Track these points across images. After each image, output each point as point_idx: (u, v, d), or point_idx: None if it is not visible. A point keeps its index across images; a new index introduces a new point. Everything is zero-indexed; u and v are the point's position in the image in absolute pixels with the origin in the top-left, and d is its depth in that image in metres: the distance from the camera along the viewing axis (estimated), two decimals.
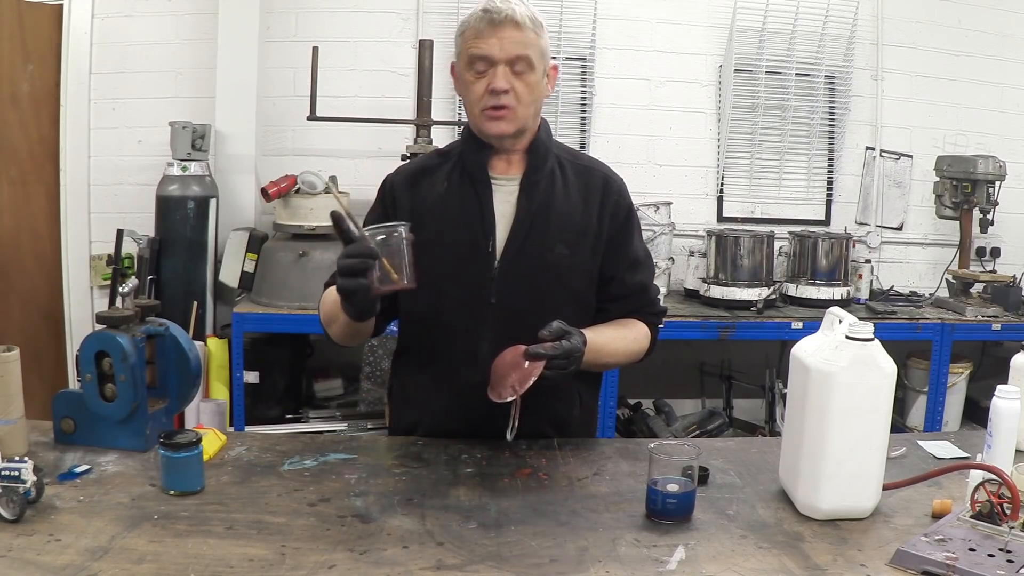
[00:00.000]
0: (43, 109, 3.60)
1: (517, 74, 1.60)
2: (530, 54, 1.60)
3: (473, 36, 1.61)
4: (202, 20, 3.60)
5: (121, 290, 3.34)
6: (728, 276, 3.52)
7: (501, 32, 1.58)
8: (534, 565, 1.22)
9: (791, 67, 3.92)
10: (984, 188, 3.62)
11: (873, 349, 1.36)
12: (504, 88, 1.59)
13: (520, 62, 1.60)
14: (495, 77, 1.59)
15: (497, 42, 1.58)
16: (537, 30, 1.62)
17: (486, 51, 1.59)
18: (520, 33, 1.59)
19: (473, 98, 1.63)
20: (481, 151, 1.69)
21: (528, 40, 1.60)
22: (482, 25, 1.59)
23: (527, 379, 1.45)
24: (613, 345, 1.69)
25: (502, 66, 1.59)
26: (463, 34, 1.63)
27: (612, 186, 1.74)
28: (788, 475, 1.47)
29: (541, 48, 1.63)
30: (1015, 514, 1.27)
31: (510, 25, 1.58)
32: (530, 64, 1.61)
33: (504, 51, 1.59)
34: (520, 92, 1.61)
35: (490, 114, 1.62)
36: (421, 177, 1.73)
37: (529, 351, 1.46)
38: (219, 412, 3.17)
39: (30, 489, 1.30)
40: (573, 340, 1.50)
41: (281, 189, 3.32)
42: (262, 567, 1.18)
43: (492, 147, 1.69)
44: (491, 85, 1.60)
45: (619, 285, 1.74)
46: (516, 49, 1.59)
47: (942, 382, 3.50)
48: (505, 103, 1.60)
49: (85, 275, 3.70)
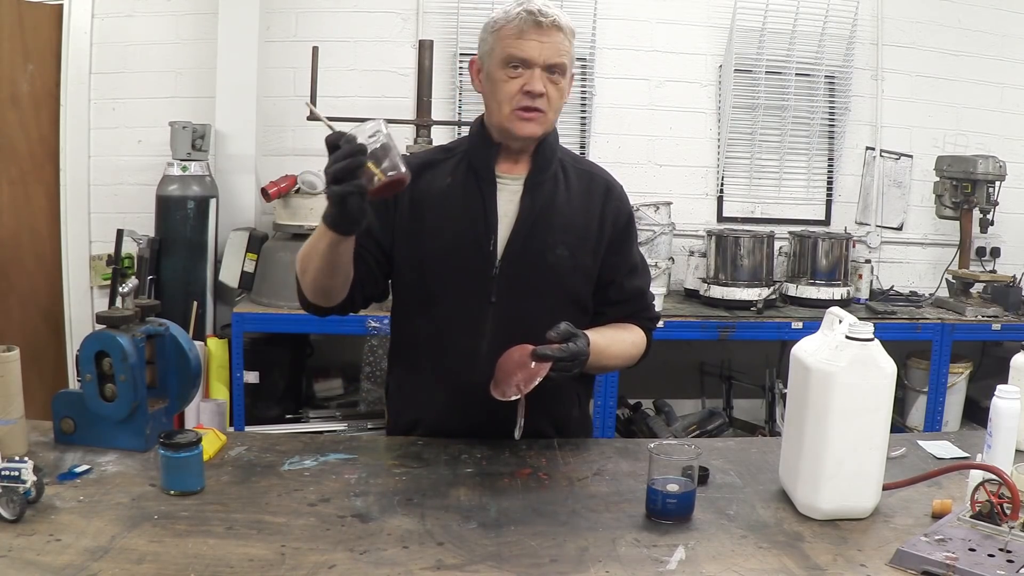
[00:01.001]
0: (43, 109, 3.60)
1: (551, 80, 1.61)
2: (566, 61, 1.62)
3: (515, 35, 1.59)
4: (202, 20, 3.60)
5: (121, 290, 3.34)
6: (728, 276, 3.52)
7: (545, 36, 1.58)
8: (534, 565, 1.22)
9: (791, 67, 3.92)
10: (984, 188, 3.62)
11: (873, 349, 1.36)
12: (541, 91, 1.59)
13: (557, 68, 1.61)
14: (532, 80, 1.59)
15: (539, 45, 1.58)
16: (572, 39, 1.63)
17: (528, 53, 1.58)
18: (560, 37, 1.60)
19: (504, 96, 1.61)
20: (489, 149, 1.69)
21: (566, 48, 1.61)
22: (526, 26, 1.58)
23: (532, 379, 1.45)
24: (614, 348, 1.70)
25: (540, 69, 1.59)
26: (499, 31, 1.61)
27: (614, 193, 1.75)
28: (788, 475, 1.47)
29: (573, 56, 1.65)
30: (1015, 514, 1.27)
31: (554, 30, 1.59)
32: (564, 71, 1.62)
33: (544, 55, 1.59)
34: (552, 97, 1.62)
35: (521, 115, 1.62)
36: (424, 169, 1.72)
37: (536, 352, 1.47)
38: (219, 412, 3.17)
39: (30, 489, 1.30)
40: (579, 343, 1.51)
41: (281, 189, 3.32)
42: (262, 567, 1.18)
43: (500, 145, 1.68)
44: (527, 86, 1.59)
45: (618, 290, 1.75)
46: (556, 55, 1.59)
47: (942, 382, 3.50)
48: (539, 106, 1.61)
49: (85, 275, 3.70)
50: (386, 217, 1.68)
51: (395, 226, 1.69)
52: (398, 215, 1.69)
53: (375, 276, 1.70)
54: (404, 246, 1.69)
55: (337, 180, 1.33)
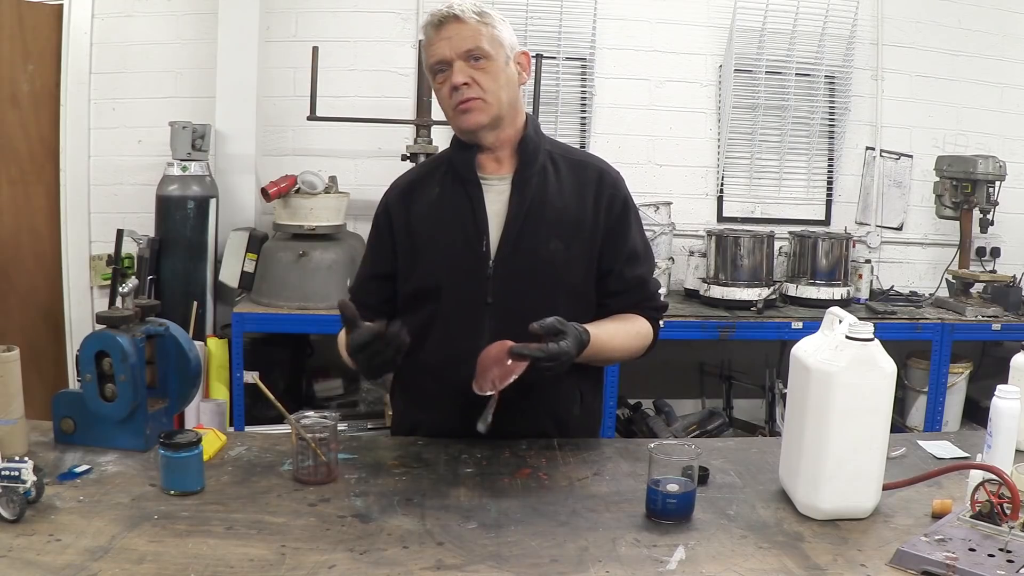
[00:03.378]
0: (43, 109, 3.60)
1: (476, 67, 1.63)
2: (481, 44, 1.63)
3: (427, 45, 1.66)
4: (202, 20, 3.60)
5: (121, 290, 3.34)
6: (728, 276, 3.52)
7: (445, 31, 1.63)
8: (534, 565, 1.22)
9: (791, 67, 3.92)
10: (984, 188, 3.62)
11: (873, 349, 1.36)
12: (462, 81, 1.62)
13: (473, 53, 1.62)
14: (453, 74, 1.63)
15: (445, 42, 1.62)
16: (484, 19, 1.64)
17: (438, 53, 1.63)
18: (463, 26, 1.63)
19: (443, 102, 1.68)
20: (467, 151, 1.71)
21: (475, 31, 1.63)
22: (430, 31, 1.65)
23: (507, 376, 1.45)
24: (615, 340, 1.70)
25: (457, 62, 1.62)
26: (423, 45, 1.68)
27: (607, 179, 1.74)
28: (788, 475, 1.47)
29: (493, 36, 1.65)
30: (1015, 514, 1.27)
31: (452, 22, 1.63)
32: (484, 53, 1.63)
33: (453, 48, 1.62)
34: (482, 81, 1.63)
35: (460, 109, 1.65)
36: (413, 189, 1.77)
37: (513, 350, 1.46)
38: (219, 412, 3.18)
39: (30, 489, 1.30)
40: (563, 343, 1.49)
41: (281, 189, 3.32)
42: (262, 567, 1.18)
43: (477, 146, 1.70)
44: (451, 82, 1.63)
45: (617, 279, 1.74)
46: (464, 44, 1.62)
47: (942, 382, 3.50)
48: (468, 95, 1.63)
49: (85, 275, 3.70)
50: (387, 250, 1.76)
51: (396, 251, 1.75)
52: (397, 241, 1.74)
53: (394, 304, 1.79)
54: (404, 261, 1.74)
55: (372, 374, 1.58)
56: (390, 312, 1.76)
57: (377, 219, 1.79)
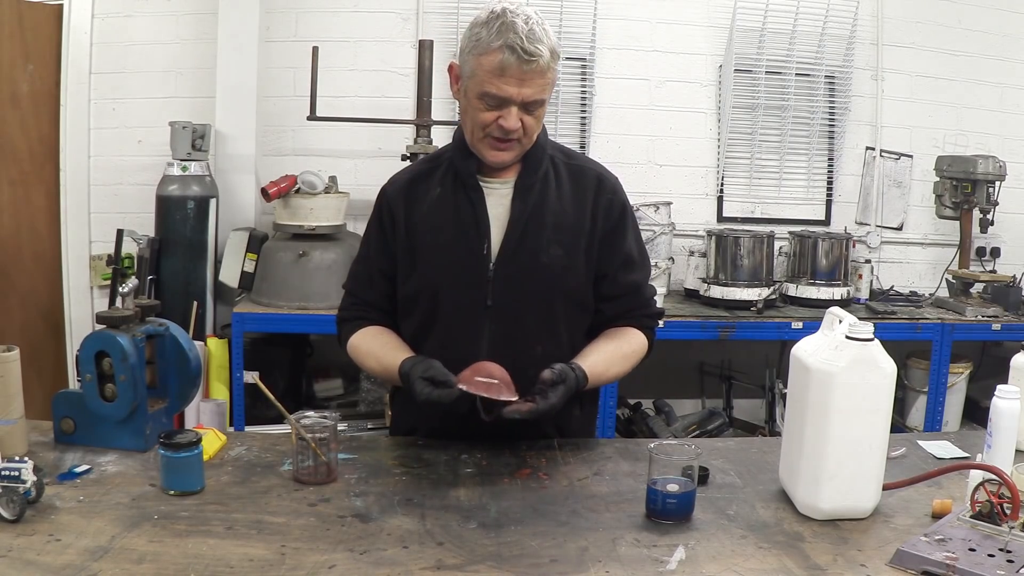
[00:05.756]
0: (43, 109, 3.60)
1: (530, 113, 1.59)
2: (546, 96, 1.59)
3: (495, 73, 1.53)
4: (202, 20, 3.60)
5: (121, 290, 3.34)
6: (728, 276, 3.52)
7: (526, 79, 1.53)
8: (534, 565, 1.22)
9: (791, 67, 3.92)
10: (984, 188, 3.62)
11: (873, 349, 1.36)
12: (514, 128, 1.57)
13: (535, 104, 1.58)
14: (508, 117, 1.56)
15: (516, 83, 1.53)
16: (555, 63, 1.58)
17: (506, 93, 1.54)
18: (544, 79, 1.55)
19: (477, 123, 1.60)
20: (470, 158, 1.68)
21: (546, 82, 1.56)
22: (508, 65, 1.51)
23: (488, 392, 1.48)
24: (612, 371, 1.72)
25: (516, 107, 1.56)
26: (480, 59, 1.53)
27: (605, 185, 1.74)
28: (788, 475, 1.47)
29: (554, 80, 1.61)
30: (1015, 514, 1.27)
31: (537, 74, 1.53)
32: (543, 103, 1.60)
33: (523, 95, 1.55)
34: (528, 126, 1.60)
35: (493, 144, 1.61)
36: (414, 186, 1.74)
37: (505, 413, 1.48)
38: (219, 412, 3.17)
39: (30, 489, 1.30)
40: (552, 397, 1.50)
41: (281, 189, 3.32)
42: (262, 567, 1.18)
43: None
44: (501, 121, 1.56)
45: (611, 284, 1.73)
46: (533, 94, 1.56)
47: (942, 382, 3.50)
48: (512, 138, 1.60)
49: (85, 275, 3.70)
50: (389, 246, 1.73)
51: (396, 248, 1.72)
52: (397, 238, 1.72)
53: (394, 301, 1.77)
54: (404, 260, 1.72)
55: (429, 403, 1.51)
56: (390, 309, 1.76)
57: (378, 213, 1.76)
